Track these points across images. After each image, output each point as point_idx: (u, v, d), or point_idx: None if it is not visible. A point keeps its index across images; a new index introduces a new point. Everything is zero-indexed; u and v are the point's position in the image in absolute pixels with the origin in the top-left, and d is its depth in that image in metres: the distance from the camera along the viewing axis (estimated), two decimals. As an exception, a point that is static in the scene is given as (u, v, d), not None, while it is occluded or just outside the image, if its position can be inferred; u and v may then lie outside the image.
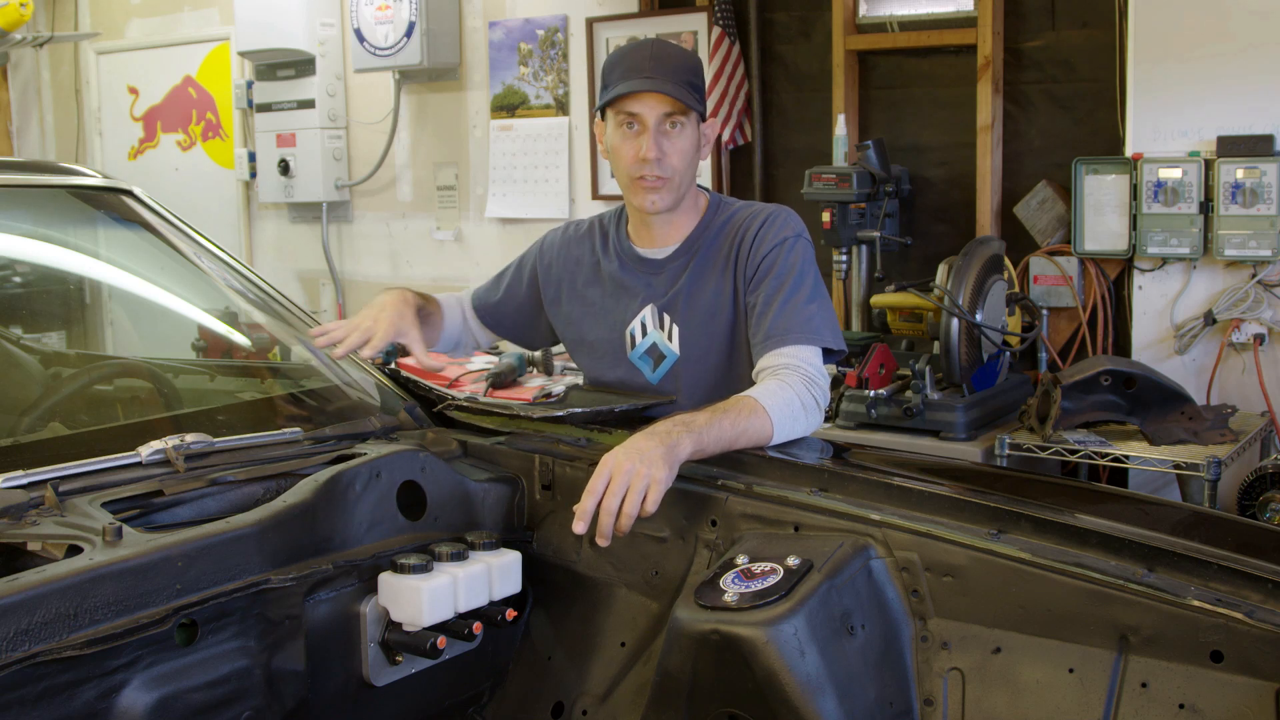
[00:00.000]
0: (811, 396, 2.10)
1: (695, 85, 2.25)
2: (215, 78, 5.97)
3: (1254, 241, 3.41)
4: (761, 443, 2.01)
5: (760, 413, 2.00)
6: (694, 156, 2.27)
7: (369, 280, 5.66)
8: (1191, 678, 1.47)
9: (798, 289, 2.21)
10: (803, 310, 2.19)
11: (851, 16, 4.19)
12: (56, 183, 2.47)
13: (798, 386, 2.09)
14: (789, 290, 2.21)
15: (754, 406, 2.01)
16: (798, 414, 2.06)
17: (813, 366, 2.15)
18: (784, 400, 2.05)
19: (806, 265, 2.26)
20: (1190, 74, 3.50)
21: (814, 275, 2.27)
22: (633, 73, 2.20)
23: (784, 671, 1.56)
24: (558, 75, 4.94)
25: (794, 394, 2.08)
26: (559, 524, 2.06)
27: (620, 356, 2.36)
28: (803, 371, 2.12)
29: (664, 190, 2.24)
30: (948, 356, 3.41)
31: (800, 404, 2.07)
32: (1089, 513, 1.70)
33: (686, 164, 2.25)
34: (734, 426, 1.96)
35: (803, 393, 2.09)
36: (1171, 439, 3.22)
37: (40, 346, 2.88)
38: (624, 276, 2.36)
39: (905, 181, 4.05)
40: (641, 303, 2.33)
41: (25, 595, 1.44)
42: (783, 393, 2.07)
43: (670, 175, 2.23)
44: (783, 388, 2.08)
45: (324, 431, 2.13)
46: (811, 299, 2.22)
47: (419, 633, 1.81)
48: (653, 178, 2.22)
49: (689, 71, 2.24)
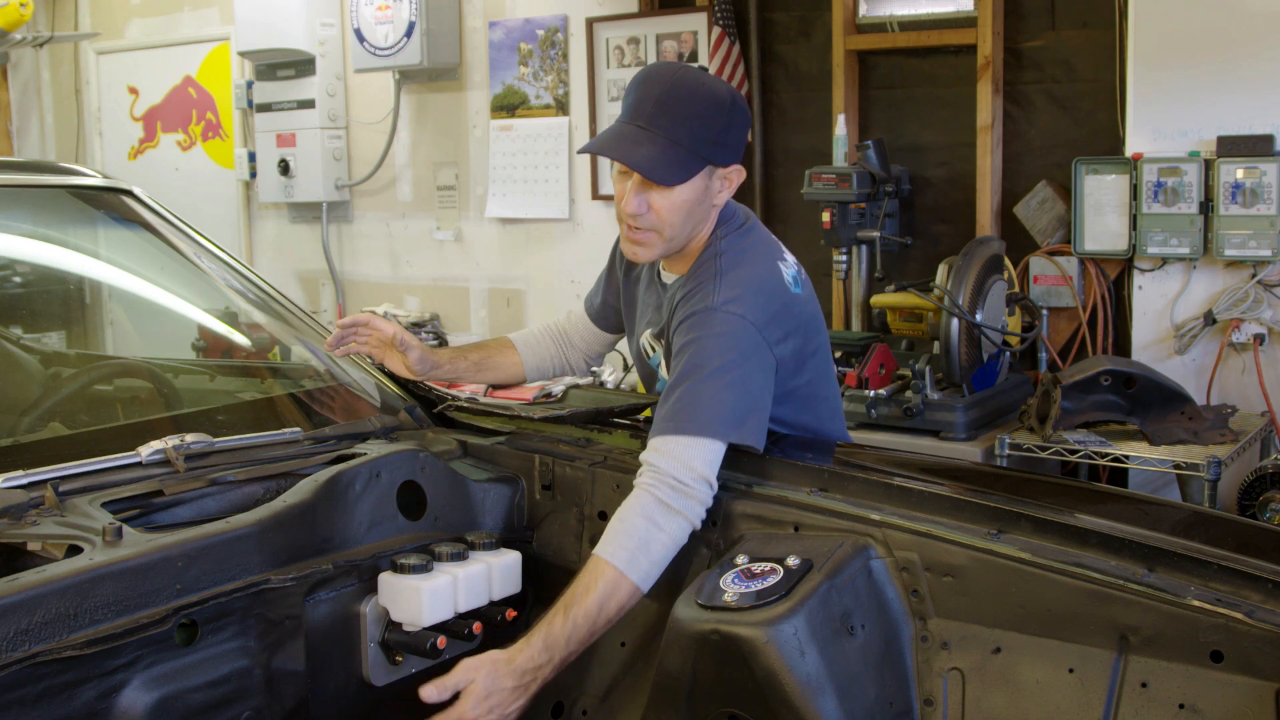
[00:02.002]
0: (664, 506, 1.86)
1: (701, 136, 2.00)
2: (215, 78, 5.97)
3: (1254, 241, 3.41)
4: (635, 601, 1.85)
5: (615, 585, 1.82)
6: (694, 209, 2.04)
7: (369, 280, 5.66)
8: (1191, 678, 1.47)
9: (696, 371, 1.95)
10: (689, 395, 1.93)
11: (851, 16, 4.19)
12: (56, 183, 2.47)
13: (645, 499, 1.87)
14: (689, 371, 1.95)
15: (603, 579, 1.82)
16: (653, 538, 1.85)
17: (671, 460, 1.88)
18: (632, 537, 1.85)
19: (719, 343, 1.96)
20: (1190, 74, 3.50)
21: (724, 358, 1.95)
22: (631, 114, 2.03)
23: (784, 671, 1.56)
24: (558, 75, 4.94)
25: (638, 516, 1.86)
26: (559, 524, 2.06)
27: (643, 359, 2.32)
28: (652, 472, 1.89)
29: (650, 244, 2.07)
30: (948, 356, 3.41)
31: (646, 523, 1.85)
32: (1089, 513, 1.70)
33: (681, 218, 2.04)
34: (587, 615, 1.81)
35: (649, 505, 1.86)
36: (1171, 439, 3.22)
37: (40, 346, 2.88)
38: (648, 291, 2.27)
39: (905, 181, 4.05)
40: (646, 323, 2.28)
41: (25, 595, 1.44)
42: (628, 521, 1.86)
43: (658, 229, 2.04)
44: (628, 514, 1.87)
45: (324, 431, 2.13)
46: (710, 384, 1.93)
47: (419, 633, 1.81)
48: (634, 231, 2.07)
49: (697, 120, 2.00)
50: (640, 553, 1.84)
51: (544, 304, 5.07)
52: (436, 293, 5.45)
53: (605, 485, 2.01)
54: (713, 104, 2.02)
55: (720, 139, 2.03)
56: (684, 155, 2.00)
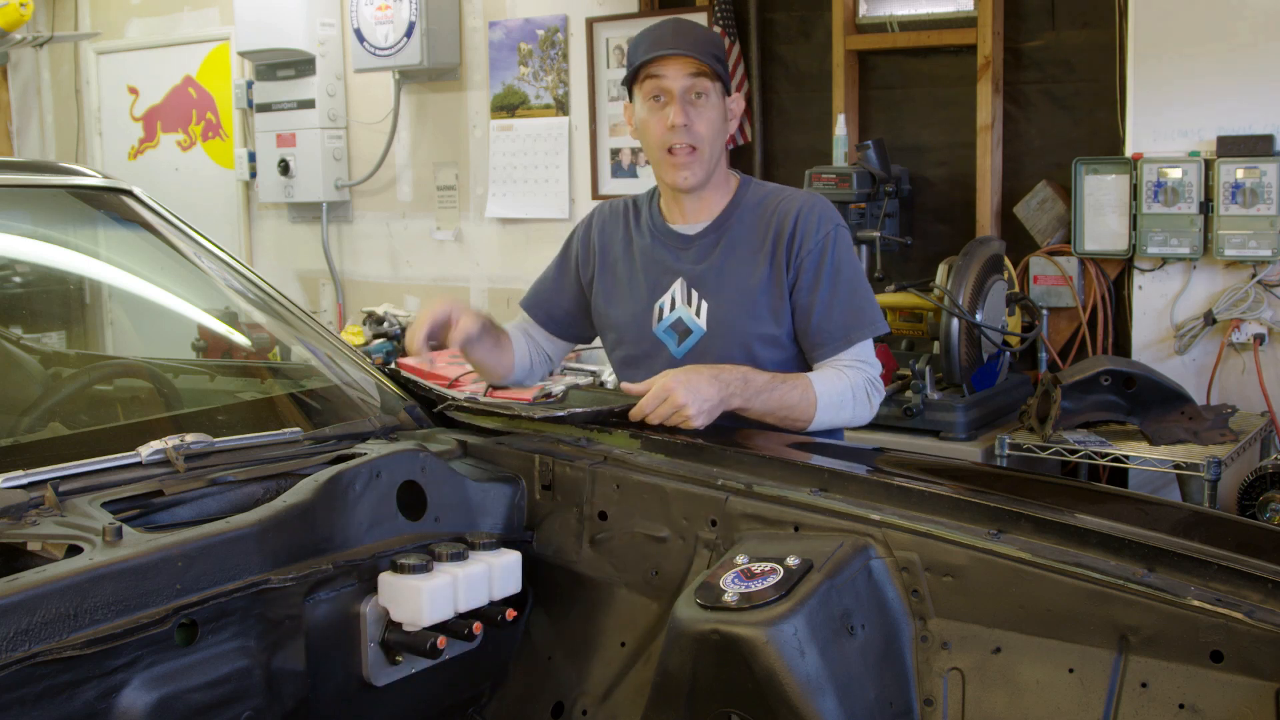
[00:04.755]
0: (865, 392, 2.28)
1: (718, 58, 2.29)
2: (215, 78, 5.97)
3: (1254, 241, 3.41)
4: (800, 424, 2.22)
5: (809, 400, 2.21)
6: (721, 128, 2.31)
7: (369, 280, 5.66)
8: (1191, 678, 1.47)
9: (848, 282, 2.31)
10: (852, 304, 2.30)
11: (851, 16, 4.19)
12: (56, 183, 2.47)
13: (856, 380, 2.27)
14: (843, 286, 2.30)
15: (806, 390, 2.21)
16: (845, 403, 2.25)
17: (870, 364, 2.31)
18: (836, 390, 2.24)
19: (848, 254, 2.34)
20: (1190, 74, 3.50)
21: (855, 262, 2.35)
22: (657, 45, 2.26)
23: (784, 671, 1.56)
24: (558, 75, 4.94)
25: (847, 384, 2.25)
26: (559, 524, 2.06)
27: (645, 331, 2.38)
28: (864, 371, 2.29)
29: (694, 165, 2.28)
30: (948, 356, 3.41)
31: (851, 396, 2.26)
32: (1089, 513, 1.70)
33: (714, 133, 2.29)
34: (782, 401, 2.19)
35: (859, 386, 2.27)
36: (1171, 439, 3.22)
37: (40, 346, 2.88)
38: (656, 250, 2.39)
39: (905, 181, 4.05)
40: (672, 276, 2.36)
41: (25, 595, 1.44)
42: (837, 382, 2.25)
43: (699, 144, 2.26)
44: (839, 377, 2.26)
45: (324, 431, 2.12)
46: (857, 288, 2.32)
47: (419, 633, 1.80)
48: (682, 147, 2.26)
49: (711, 44, 2.30)
50: (833, 406, 2.24)
51: (544, 304, 5.07)
52: (436, 293, 5.45)
53: (605, 485, 2.01)
54: (715, 34, 2.40)
55: (726, 64, 2.32)
56: (713, 63, 2.27)
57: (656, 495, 1.94)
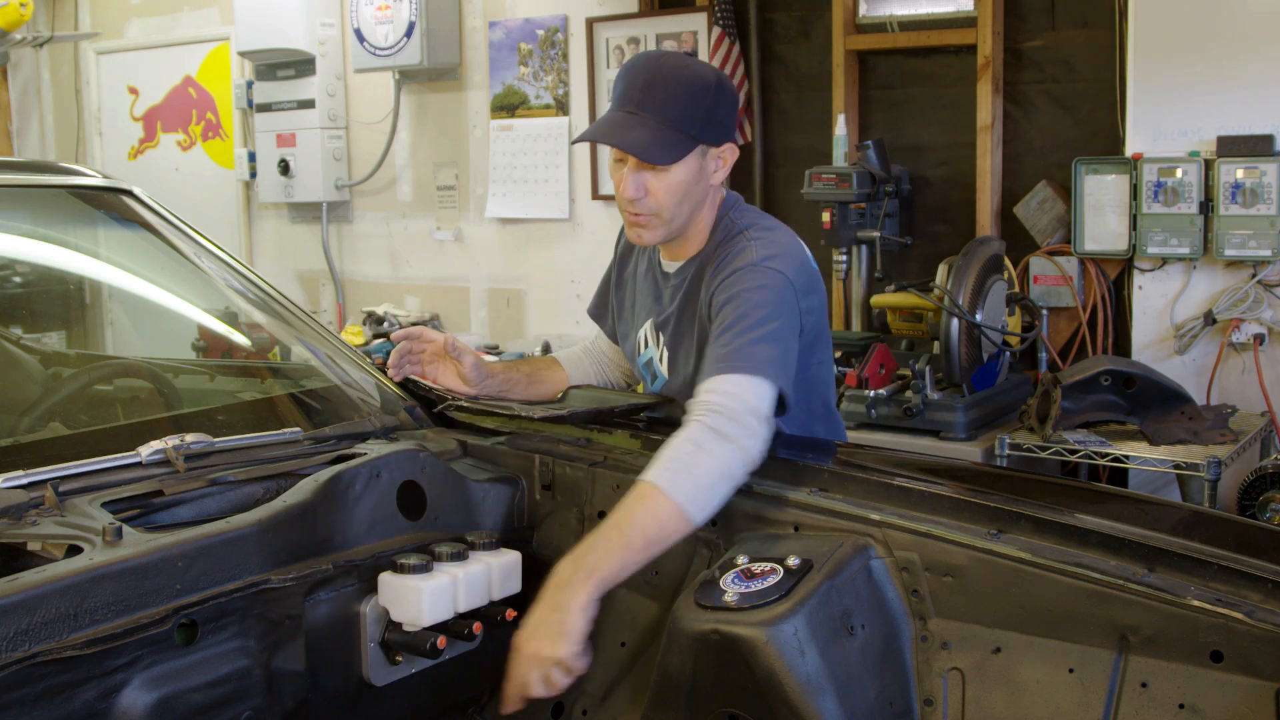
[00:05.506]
0: (712, 431, 1.83)
1: (690, 116, 2.04)
2: (215, 78, 5.97)
3: (1254, 241, 3.41)
4: (684, 528, 1.80)
5: (660, 504, 1.78)
6: (690, 189, 2.08)
7: (369, 280, 5.66)
8: (1191, 678, 1.47)
9: (741, 319, 1.97)
10: (737, 340, 1.94)
11: (851, 16, 4.19)
12: (56, 183, 2.47)
13: (693, 428, 1.85)
14: (735, 321, 1.97)
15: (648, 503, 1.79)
16: (696, 463, 1.80)
17: (726, 393, 1.88)
18: (672, 457, 1.81)
19: (758, 295, 1.99)
20: (1190, 74, 3.50)
21: (775, 310, 1.99)
22: (620, 102, 2.08)
23: (784, 671, 1.56)
24: (558, 75, 4.94)
25: (681, 438, 1.84)
26: (559, 524, 2.06)
27: (633, 357, 2.35)
28: (710, 406, 1.87)
29: (653, 226, 2.10)
30: (948, 356, 3.41)
31: (692, 446, 1.82)
32: (1089, 513, 1.70)
33: (678, 199, 2.07)
34: (640, 540, 1.78)
35: (696, 433, 1.83)
36: (1171, 439, 3.22)
37: (40, 346, 2.88)
38: (646, 282, 2.30)
39: (905, 181, 4.05)
40: (645, 315, 2.29)
41: (25, 595, 1.44)
42: (672, 446, 1.83)
43: (656, 211, 2.08)
44: (673, 439, 1.85)
45: (324, 431, 2.12)
46: (747, 331, 1.95)
47: (419, 633, 1.81)
48: (634, 215, 2.11)
49: (685, 101, 2.04)
50: (682, 475, 1.79)
51: (544, 304, 5.07)
52: (436, 293, 5.45)
53: (605, 485, 2.01)
54: (699, 84, 2.07)
55: (710, 118, 2.08)
56: (675, 136, 2.04)
57: (656, 495, 1.94)
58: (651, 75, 2.07)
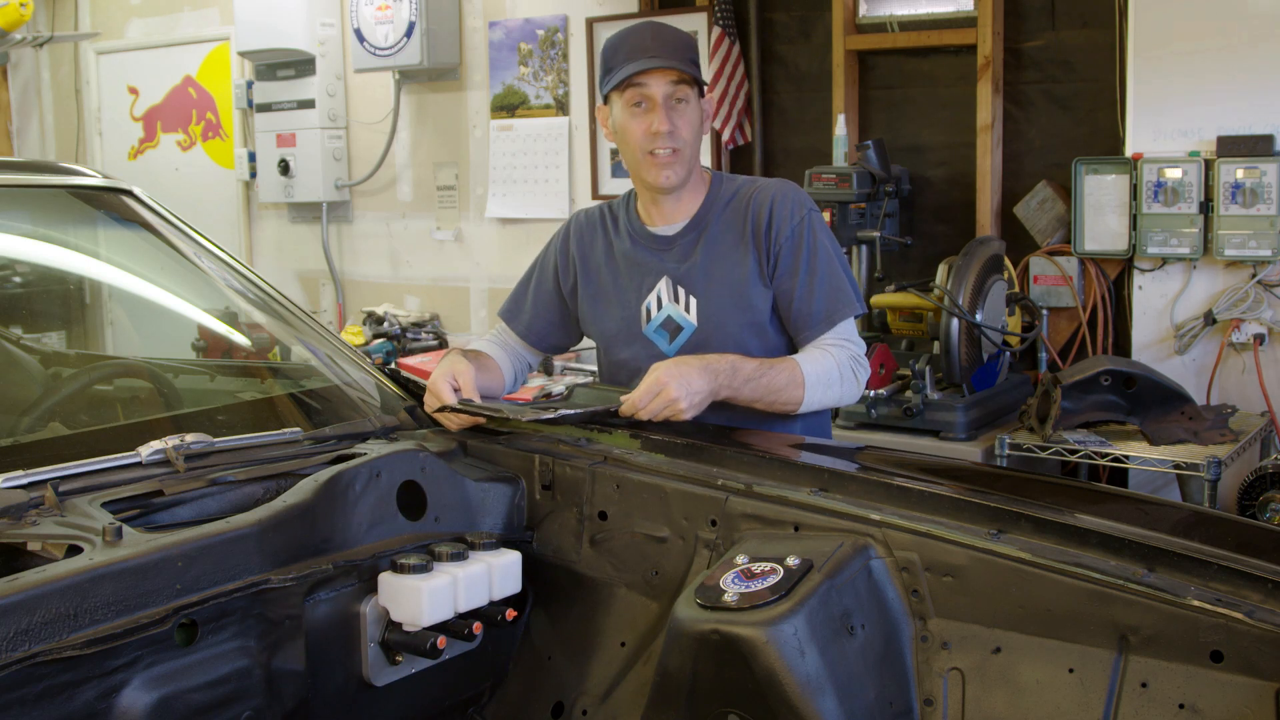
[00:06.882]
0: (851, 370, 2.33)
1: (695, 61, 2.34)
2: (215, 78, 5.97)
3: (1254, 241, 3.41)
4: (790, 406, 2.27)
5: (797, 382, 2.25)
6: (700, 129, 2.37)
7: (369, 280, 5.66)
8: (1191, 678, 1.47)
9: (825, 264, 2.35)
10: (831, 285, 2.34)
11: (851, 16, 4.19)
12: (56, 183, 2.47)
13: (841, 358, 2.32)
14: (821, 269, 2.34)
15: (794, 372, 2.26)
16: (833, 382, 2.30)
17: (854, 342, 2.36)
18: (823, 369, 2.29)
19: (824, 237, 2.38)
20: (1190, 74, 3.50)
21: (831, 245, 2.39)
22: (638, 53, 2.29)
23: (784, 671, 1.56)
24: (558, 75, 4.94)
25: (834, 363, 2.30)
26: (559, 524, 2.06)
27: (635, 333, 2.41)
28: (848, 349, 2.34)
29: (676, 165, 2.32)
30: (948, 356, 3.41)
31: (839, 374, 2.30)
32: (1089, 513, 1.70)
33: (694, 135, 2.35)
34: (770, 386, 2.23)
35: (844, 364, 2.32)
36: (1171, 439, 3.22)
37: (40, 346, 2.88)
38: (637, 254, 2.43)
39: (905, 181, 4.05)
40: (656, 276, 2.40)
41: (25, 595, 1.44)
42: (824, 361, 2.30)
43: (682, 146, 2.31)
44: (825, 356, 2.31)
45: (324, 431, 2.12)
46: (834, 269, 2.36)
47: (419, 633, 1.81)
48: (665, 151, 2.30)
49: (688, 48, 2.34)
50: (821, 385, 2.28)
51: (544, 304, 5.06)
52: (436, 293, 5.45)
53: (605, 485, 2.01)
54: (690, 36, 2.39)
55: (699, 67, 2.36)
56: (695, 71, 2.33)
57: (656, 495, 1.94)
58: (654, 30, 2.33)
